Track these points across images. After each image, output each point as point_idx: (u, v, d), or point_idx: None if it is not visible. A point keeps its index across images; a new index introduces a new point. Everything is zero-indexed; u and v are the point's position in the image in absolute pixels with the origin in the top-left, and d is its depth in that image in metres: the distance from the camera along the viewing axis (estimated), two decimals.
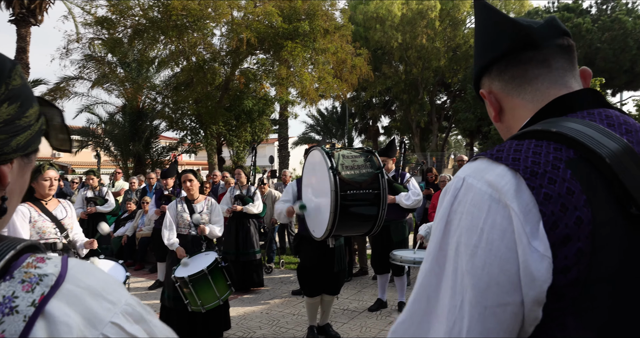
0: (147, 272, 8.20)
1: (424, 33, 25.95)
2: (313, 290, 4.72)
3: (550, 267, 0.67)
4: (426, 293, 0.77)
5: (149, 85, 18.27)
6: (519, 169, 0.72)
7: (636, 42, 21.20)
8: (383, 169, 3.92)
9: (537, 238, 0.68)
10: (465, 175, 0.78)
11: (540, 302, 0.68)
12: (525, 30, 0.89)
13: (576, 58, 0.93)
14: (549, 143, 0.76)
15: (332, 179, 3.65)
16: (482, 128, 24.03)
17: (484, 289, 0.69)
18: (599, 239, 0.67)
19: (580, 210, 0.68)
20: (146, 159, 18.35)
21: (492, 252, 0.69)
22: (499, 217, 0.70)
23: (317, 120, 33.74)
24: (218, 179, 9.64)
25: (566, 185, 0.70)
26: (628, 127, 0.80)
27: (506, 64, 0.92)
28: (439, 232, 0.78)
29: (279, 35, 15.25)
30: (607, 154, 0.70)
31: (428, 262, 0.78)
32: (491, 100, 0.96)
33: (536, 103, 0.88)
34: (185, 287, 4.17)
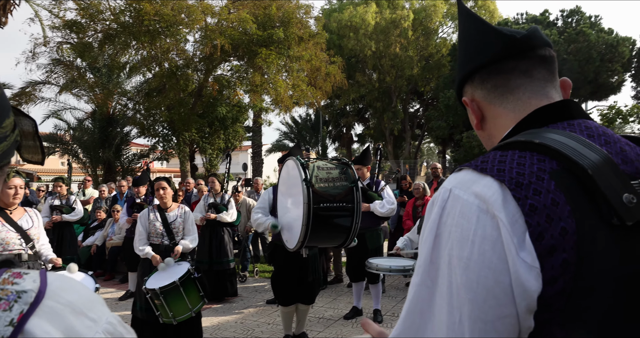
0: (118, 282, 7.99)
1: (397, 42, 26.31)
2: (288, 299, 4.67)
3: (539, 276, 0.67)
4: (419, 307, 0.76)
5: (120, 91, 17.94)
6: (505, 180, 0.72)
7: (599, 54, 21.99)
8: (358, 180, 3.91)
9: (524, 249, 0.68)
10: (452, 187, 0.77)
11: (532, 311, 0.68)
12: (509, 39, 0.90)
13: (557, 69, 0.94)
14: (532, 154, 0.76)
15: (305, 191, 3.63)
16: (454, 136, 24.46)
17: (481, 303, 0.69)
18: (584, 249, 0.68)
19: (564, 221, 0.68)
20: (117, 166, 17.97)
21: (485, 264, 0.69)
22: (489, 227, 0.70)
23: (291, 127, 33.71)
24: (191, 187, 9.50)
25: (551, 196, 0.70)
26: (607, 138, 0.81)
27: (489, 73, 0.92)
28: (428, 244, 0.77)
29: (253, 42, 15.21)
30: (589, 165, 0.71)
31: (419, 275, 0.77)
32: (473, 108, 0.96)
33: (518, 112, 0.89)
34: (157, 299, 4.07)
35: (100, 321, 0.64)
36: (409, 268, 3.98)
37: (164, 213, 4.58)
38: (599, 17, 24.49)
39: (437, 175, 8.50)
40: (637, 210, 0.70)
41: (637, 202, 0.70)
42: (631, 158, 0.79)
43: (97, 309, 0.65)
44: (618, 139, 0.82)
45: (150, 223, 4.55)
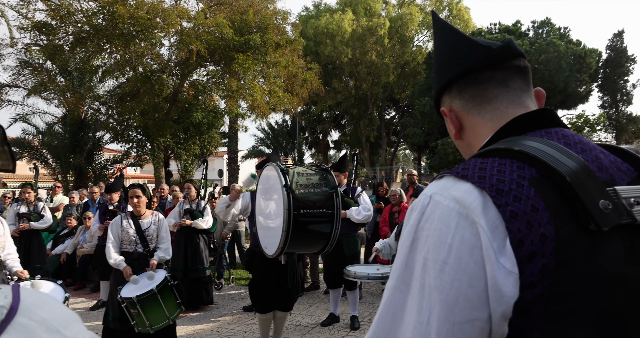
0: (89, 291, 7.78)
1: (374, 49, 26.57)
2: (265, 306, 4.62)
3: (517, 283, 0.68)
4: (391, 310, 0.76)
5: (92, 95, 17.56)
6: (485, 187, 0.73)
7: (568, 64, 22.63)
8: (338, 187, 3.90)
9: (504, 255, 0.69)
10: (432, 193, 0.78)
11: (507, 317, 0.69)
12: (485, 50, 0.92)
13: (531, 79, 0.96)
14: (512, 161, 0.77)
15: (285, 197, 3.60)
16: (430, 143, 24.76)
17: (452, 305, 0.69)
18: (562, 255, 0.69)
19: (544, 227, 0.69)
20: (88, 172, 17.55)
21: (461, 268, 0.70)
22: (467, 233, 0.71)
23: (267, 133, 33.61)
24: (166, 193, 9.34)
25: (530, 203, 0.71)
26: (583, 146, 0.83)
27: (466, 83, 0.94)
28: (405, 249, 0.77)
29: (230, 47, 15.12)
30: (567, 172, 0.72)
31: (394, 279, 0.78)
32: (452, 118, 0.98)
33: (496, 122, 0.91)
34: (133, 308, 3.96)
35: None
36: (387, 275, 3.97)
37: (138, 220, 4.48)
38: (567, 29, 25.24)
39: (413, 181, 8.56)
40: (613, 216, 0.71)
41: (612, 208, 0.71)
42: (606, 165, 0.81)
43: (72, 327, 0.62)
44: (593, 147, 0.84)
45: (123, 230, 4.44)
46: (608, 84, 27.82)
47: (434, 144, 23.66)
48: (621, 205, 0.73)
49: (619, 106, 28.47)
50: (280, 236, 3.65)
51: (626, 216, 0.73)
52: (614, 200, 0.73)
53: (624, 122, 28.02)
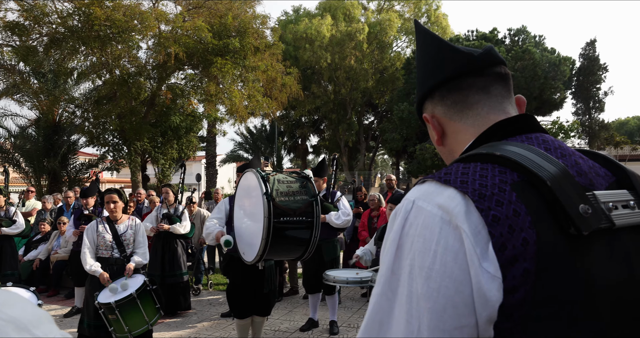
0: (63, 298, 7.60)
1: (353, 54, 26.77)
2: (243, 311, 4.58)
3: (500, 287, 0.68)
4: (378, 318, 0.76)
5: (67, 97, 17.23)
6: (468, 192, 0.73)
7: (543, 71, 23.18)
8: (318, 195, 3.92)
9: (487, 260, 0.69)
10: (415, 198, 0.78)
11: (492, 321, 0.69)
12: (467, 57, 0.93)
13: (512, 86, 0.97)
14: (493, 166, 0.77)
15: (265, 205, 3.59)
16: (408, 148, 25.00)
17: (440, 313, 0.69)
18: (543, 259, 0.69)
19: (526, 232, 0.69)
20: (63, 176, 17.19)
21: (446, 274, 0.70)
22: (451, 238, 0.71)
23: (245, 138, 33.48)
24: (142, 198, 9.20)
25: (512, 207, 0.71)
26: (562, 151, 0.84)
27: (448, 90, 0.95)
28: (390, 256, 0.77)
29: (209, 51, 15.06)
30: (547, 177, 0.73)
31: (380, 286, 0.77)
32: (434, 124, 0.99)
33: (477, 127, 0.92)
34: (111, 314, 3.89)
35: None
36: (366, 280, 3.99)
37: (114, 225, 4.41)
38: (542, 37, 25.88)
39: (392, 186, 8.62)
40: (592, 221, 0.72)
41: (592, 213, 0.72)
42: (585, 170, 0.82)
43: (44, 327, 0.60)
44: (572, 152, 0.85)
45: (99, 235, 4.37)
46: (581, 91, 28.59)
47: (412, 149, 23.89)
48: (600, 209, 0.74)
49: (591, 113, 29.25)
50: (260, 243, 3.64)
51: (605, 220, 0.74)
52: (594, 205, 0.74)
53: (597, 129, 28.79)
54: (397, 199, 4.35)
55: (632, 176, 0.86)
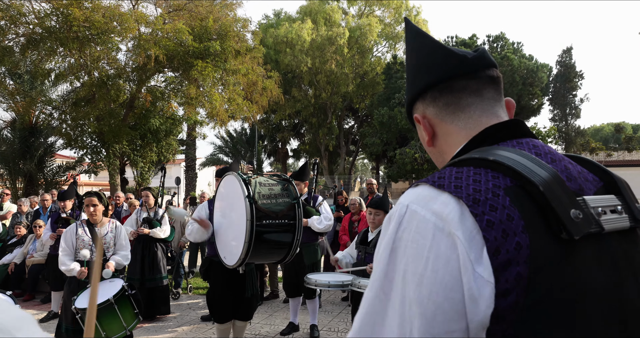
0: (39, 302, 7.46)
1: (333, 59, 26.87)
2: (224, 316, 4.56)
3: (493, 292, 0.69)
4: (372, 320, 0.76)
5: (44, 99, 16.93)
6: (462, 197, 0.74)
7: (521, 78, 23.62)
8: (300, 198, 3.94)
9: (481, 265, 0.70)
10: (409, 202, 0.78)
11: (485, 326, 0.70)
12: (461, 59, 0.93)
13: (502, 89, 0.99)
14: (486, 171, 0.78)
15: (248, 208, 3.58)
16: (388, 152, 25.18)
17: (430, 318, 0.70)
18: (535, 263, 0.70)
19: (519, 236, 0.71)
20: (39, 178, 16.86)
21: (437, 281, 0.71)
22: (443, 245, 0.72)
23: (226, 141, 33.29)
24: (121, 201, 9.11)
25: (506, 212, 0.72)
26: (552, 156, 0.85)
27: (440, 91, 0.95)
28: (384, 259, 0.77)
29: (189, 53, 14.97)
30: (540, 182, 0.74)
31: (374, 289, 0.78)
32: (425, 125, 0.98)
33: (469, 130, 0.92)
34: None
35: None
36: (347, 283, 4.02)
37: (94, 228, 4.36)
38: (520, 44, 26.35)
39: (373, 190, 8.68)
40: (583, 225, 0.74)
41: (582, 218, 0.74)
42: (574, 175, 0.83)
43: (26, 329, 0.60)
44: (562, 158, 0.87)
45: (79, 238, 4.32)
46: (558, 98, 29.20)
47: (392, 153, 24.07)
48: (590, 214, 0.76)
49: (568, 119, 29.89)
50: (242, 247, 3.64)
51: (595, 225, 0.75)
52: (584, 210, 0.75)
53: (573, 135, 29.42)
54: (376, 203, 4.38)
55: (619, 181, 0.87)
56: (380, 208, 4.32)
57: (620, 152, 32.17)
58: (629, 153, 30.67)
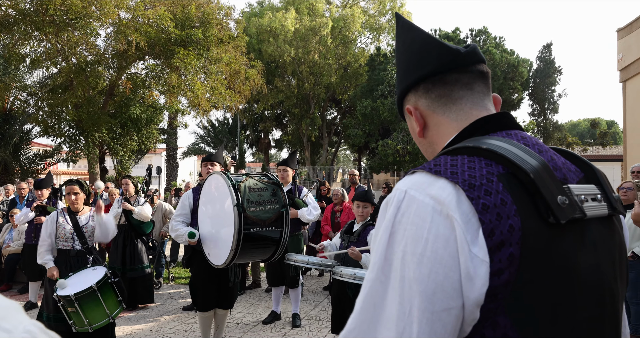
0: (16, 293, 7.33)
1: (316, 49, 26.75)
2: (206, 304, 4.56)
3: (488, 271, 0.73)
4: (373, 301, 0.79)
5: (19, 85, 16.51)
6: (458, 182, 0.78)
7: (503, 72, 23.86)
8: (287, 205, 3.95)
9: (477, 245, 0.74)
10: (407, 188, 0.81)
11: (479, 304, 0.74)
12: (454, 53, 0.97)
13: (490, 84, 1.03)
14: (480, 159, 0.83)
15: (236, 217, 3.59)
16: (370, 144, 25.26)
17: (430, 295, 0.73)
18: (526, 244, 0.75)
19: (512, 219, 0.75)
20: (14, 167, 16.49)
21: (437, 260, 0.74)
22: (442, 227, 0.75)
23: (208, 131, 32.99)
24: (101, 191, 8.97)
25: (500, 197, 0.77)
26: (539, 147, 0.91)
27: (433, 83, 0.98)
28: (383, 243, 0.80)
29: (171, 41, 14.74)
30: (530, 170, 0.79)
31: (374, 272, 0.80)
32: (417, 116, 1.01)
33: (460, 122, 0.96)
34: (70, 306, 3.80)
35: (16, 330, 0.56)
36: (325, 264, 4.06)
37: (75, 216, 4.30)
38: (502, 39, 26.56)
39: (355, 181, 8.73)
40: (569, 210, 0.79)
41: (568, 204, 0.79)
42: (559, 165, 0.89)
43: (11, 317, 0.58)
44: (548, 149, 0.92)
45: (60, 226, 4.25)
46: (537, 92, 29.57)
47: (374, 145, 24.15)
48: (575, 201, 0.81)
49: (546, 114, 30.32)
50: (229, 252, 3.66)
51: (578, 211, 0.81)
52: (570, 197, 0.81)
53: (551, 130, 29.88)
54: (364, 197, 4.42)
55: (598, 173, 0.94)
56: (368, 201, 4.38)
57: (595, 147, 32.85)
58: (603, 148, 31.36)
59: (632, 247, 5.08)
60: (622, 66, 16.39)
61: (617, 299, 0.88)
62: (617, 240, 0.91)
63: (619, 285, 0.89)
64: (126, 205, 6.19)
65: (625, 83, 16.40)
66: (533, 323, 0.75)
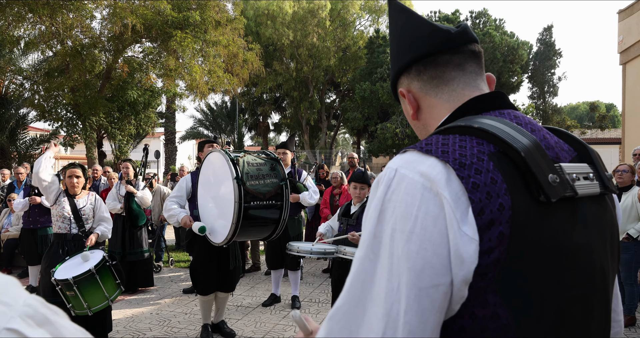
0: (16, 277, 7.36)
1: (315, 32, 26.48)
2: (207, 288, 4.58)
3: (477, 249, 0.73)
4: (362, 278, 0.79)
5: (14, 68, 16.34)
6: (449, 161, 0.78)
7: (502, 55, 23.64)
8: (287, 175, 3.94)
9: (466, 223, 0.74)
10: (397, 166, 0.81)
11: (467, 282, 0.74)
12: (445, 34, 0.96)
13: (484, 64, 1.02)
14: (471, 138, 0.82)
15: (236, 190, 3.57)
16: (369, 127, 25.18)
17: (419, 272, 0.73)
18: (517, 223, 0.75)
19: (502, 198, 0.75)
20: (11, 151, 16.43)
21: (426, 237, 0.74)
22: (431, 204, 0.75)
23: (206, 114, 32.82)
24: (99, 174, 8.94)
25: (490, 175, 0.76)
26: (532, 126, 0.90)
27: (425, 65, 0.98)
28: (372, 220, 0.80)
29: (168, 23, 14.56)
30: (521, 148, 0.79)
31: (363, 249, 0.81)
32: (410, 99, 1.01)
33: (452, 102, 0.96)
34: (69, 290, 3.81)
35: (17, 304, 0.57)
36: (329, 251, 4.06)
37: (73, 199, 4.30)
38: (502, 21, 26.27)
39: (354, 164, 8.72)
40: (560, 189, 0.79)
41: (559, 182, 0.79)
42: (552, 144, 0.89)
43: (10, 292, 0.58)
44: (541, 128, 0.92)
45: (59, 204, 4.26)
46: (537, 75, 29.36)
47: (373, 128, 24.08)
48: (566, 179, 0.81)
49: (546, 97, 30.17)
50: (230, 227, 3.64)
51: (570, 190, 0.81)
52: (561, 175, 0.81)
53: (550, 113, 29.76)
54: (360, 178, 4.42)
55: (592, 152, 0.94)
56: (364, 183, 4.38)
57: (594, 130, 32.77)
58: (601, 131, 31.31)
59: (626, 229, 5.11)
60: (622, 48, 16.23)
61: (608, 277, 0.88)
62: (609, 219, 0.91)
63: (610, 263, 0.89)
64: (129, 188, 6.20)
65: (625, 65, 16.27)
66: (523, 301, 0.76)
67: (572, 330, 0.81)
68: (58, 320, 0.61)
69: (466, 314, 0.76)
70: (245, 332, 4.85)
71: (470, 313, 0.75)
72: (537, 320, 0.77)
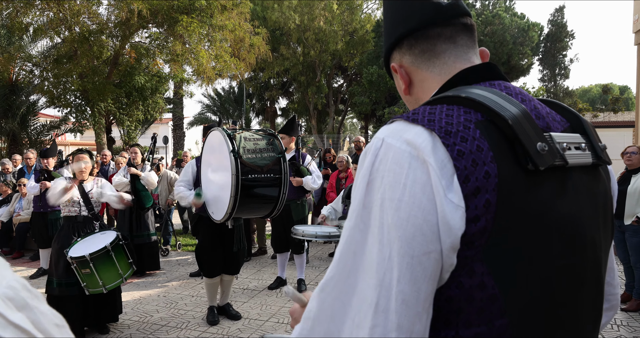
0: (28, 260, 7.52)
1: (322, 16, 26.19)
2: (212, 270, 4.65)
3: (463, 216, 0.73)
4: (352, 249, 0.79)
5: (24, 55, 16.40)
6: (434, 129, 0.78)
7: (512, 37, 23.27)
8: (285, 152, 3.95)
9: (452, 191, 0.74)
10: (384, 136, 0.81)
11: (455, 248, 0.74)
12: (436, 7, 0.96)
13: (476, 37, 1.01)
14: (459, 107, 0.82)
15: (233, 162, 3.59)
16: (377, 111, 25.06)
17: (409, 240, 0.73)
18: (503, 191, 0.75)
19: (488, 165, 0.75)
20: (23, 138, 16.59)
21: (415, 205, 0.74)
22: (419, 172, 0.75)
23: (213, 100, 32.80)
24: (108, 159, 9.03)
25: (476, 143, 0.76)
26: (523, 96, 0.90)
27: (416, 39, 0.97)
28: (361, 191, 0.80)
29: (174, 8, 14.48)
30: (509, 117, 0.78)
31: (352, 220, 0.81)
32: (402, 73, 1.01)
33: (444, 75, 0.96)
34: (85, 268, 3.91)
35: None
36: (334, 235, 4.09)
37: (81, 184, 4.40)
38: (512, 2, 25.81)
39: (360, 148, 8.71)
40: (548, 157, 0.79)
41: (548, 150, 0.79)
42: (542, 114, 0.89)
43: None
44: (532, 98, 0.92)
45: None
46: (548, 57, 28.92)
47: (381, 112, 23.96)
48: (555, 148, 0.81)
49: (557, 80, 29.75)
50: (229, 202, 3.67)
51: (559, 158, 0.81)
52: (550, 144, 0.80)
53: (561, 96, 29.36)
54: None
55: (585, 123, 0.93)
56: None
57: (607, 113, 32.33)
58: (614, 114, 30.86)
59: (636, 212, 5.06)
60: (637, 28, 15.86)
61: (599, 248, 0.88)
62: (602, 190, 0.91)
63: (602, 235, 0.89)
64: (132, 170, 6.27)
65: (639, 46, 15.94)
66: (509, 270, 0.76)
67: (560, 300, 0.81)
68: (37, 306, 0.61)
69: (453, 284, 0.76)
70: (251, 314, 4.93)
71: (457, 282, 0.75)
72: (524, 290, 0.77)
